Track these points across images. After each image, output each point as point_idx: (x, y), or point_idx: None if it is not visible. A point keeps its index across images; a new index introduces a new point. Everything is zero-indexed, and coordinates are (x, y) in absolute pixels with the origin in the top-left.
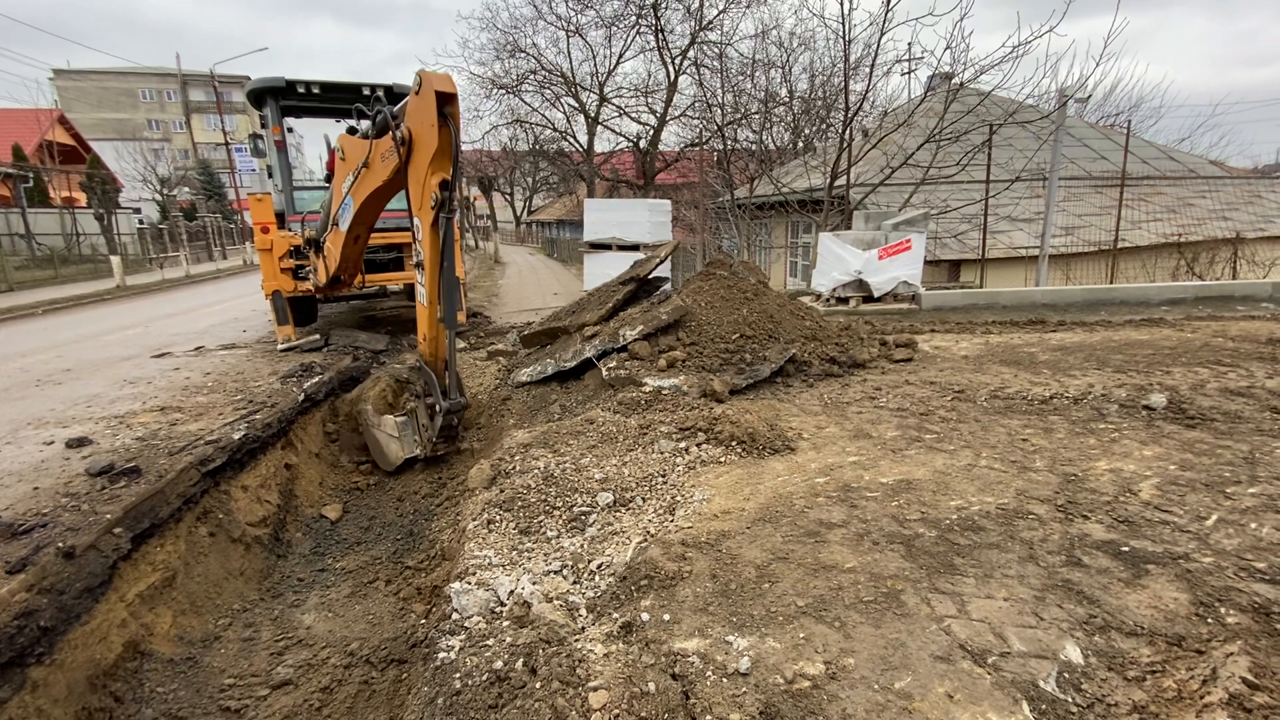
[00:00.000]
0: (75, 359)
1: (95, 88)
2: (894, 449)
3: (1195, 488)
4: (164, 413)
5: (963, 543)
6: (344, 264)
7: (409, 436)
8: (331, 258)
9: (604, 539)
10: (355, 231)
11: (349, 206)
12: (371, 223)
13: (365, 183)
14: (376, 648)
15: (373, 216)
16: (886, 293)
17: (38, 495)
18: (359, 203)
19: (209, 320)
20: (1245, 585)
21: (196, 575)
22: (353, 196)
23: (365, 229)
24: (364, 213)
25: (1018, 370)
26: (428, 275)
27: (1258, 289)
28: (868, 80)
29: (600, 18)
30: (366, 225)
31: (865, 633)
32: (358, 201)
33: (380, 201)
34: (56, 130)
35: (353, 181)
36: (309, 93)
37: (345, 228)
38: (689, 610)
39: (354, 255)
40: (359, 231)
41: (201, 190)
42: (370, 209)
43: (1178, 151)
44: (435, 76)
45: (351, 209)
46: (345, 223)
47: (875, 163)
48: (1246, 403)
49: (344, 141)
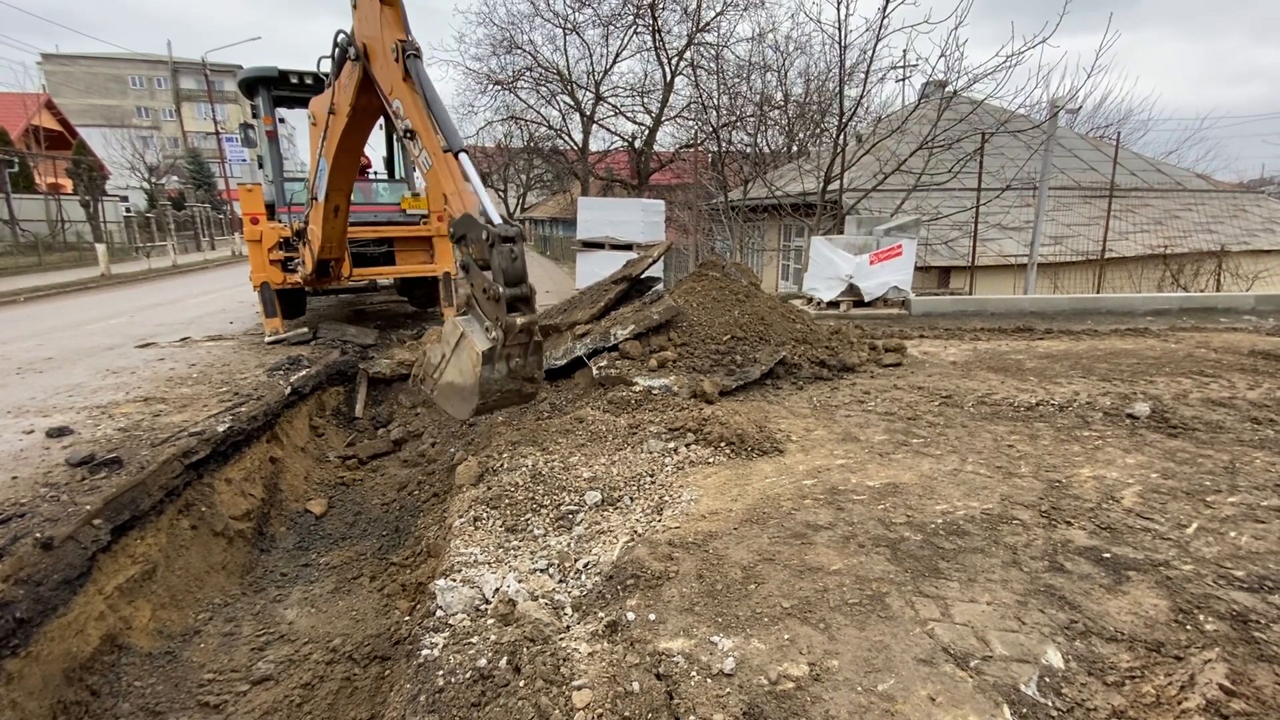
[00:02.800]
0: (57, 347)
1: (84, 73)
2: (881, 453)
3: (1176, 496)
4: (147, 403)
5: (947, 547)
6: (326, 243)
7: (477, 329)
8: (315, 238)
9: (591, 538)
10: (334, 201)
11: (324, 171)
12: (347, 188)
13: (333, 131)
14: (360, 644)
15: (348, 176)
16: (877, 297)
17: (16, 485)
18: (330, 159)
19: (195, 311)
20: (1224, 593)
21: (177, 568)
22: (325, 156)
23: (343, 197)
24: (338, 172)
25: (1005, 377)
26: (420, 124)
27: (1241, 301)
28: (862, 86)
29: (598, 16)
30: (344, 191)
31: (849, 635)
32: (330, 158)
33: (352, 147)
34: (43, 115)
35: (323, 142)
36: (301, 83)
37: (323, 197)
38: (675, 610)
39: (336, 233)
40: (338, 201)
41: (190, 179)
42: (344, 164)
43: (1165, 164)
44: None
45: (325, 171)
46: (323, 191)
47: (868, 168)
48: (1228, 413)
49: (313, 104)
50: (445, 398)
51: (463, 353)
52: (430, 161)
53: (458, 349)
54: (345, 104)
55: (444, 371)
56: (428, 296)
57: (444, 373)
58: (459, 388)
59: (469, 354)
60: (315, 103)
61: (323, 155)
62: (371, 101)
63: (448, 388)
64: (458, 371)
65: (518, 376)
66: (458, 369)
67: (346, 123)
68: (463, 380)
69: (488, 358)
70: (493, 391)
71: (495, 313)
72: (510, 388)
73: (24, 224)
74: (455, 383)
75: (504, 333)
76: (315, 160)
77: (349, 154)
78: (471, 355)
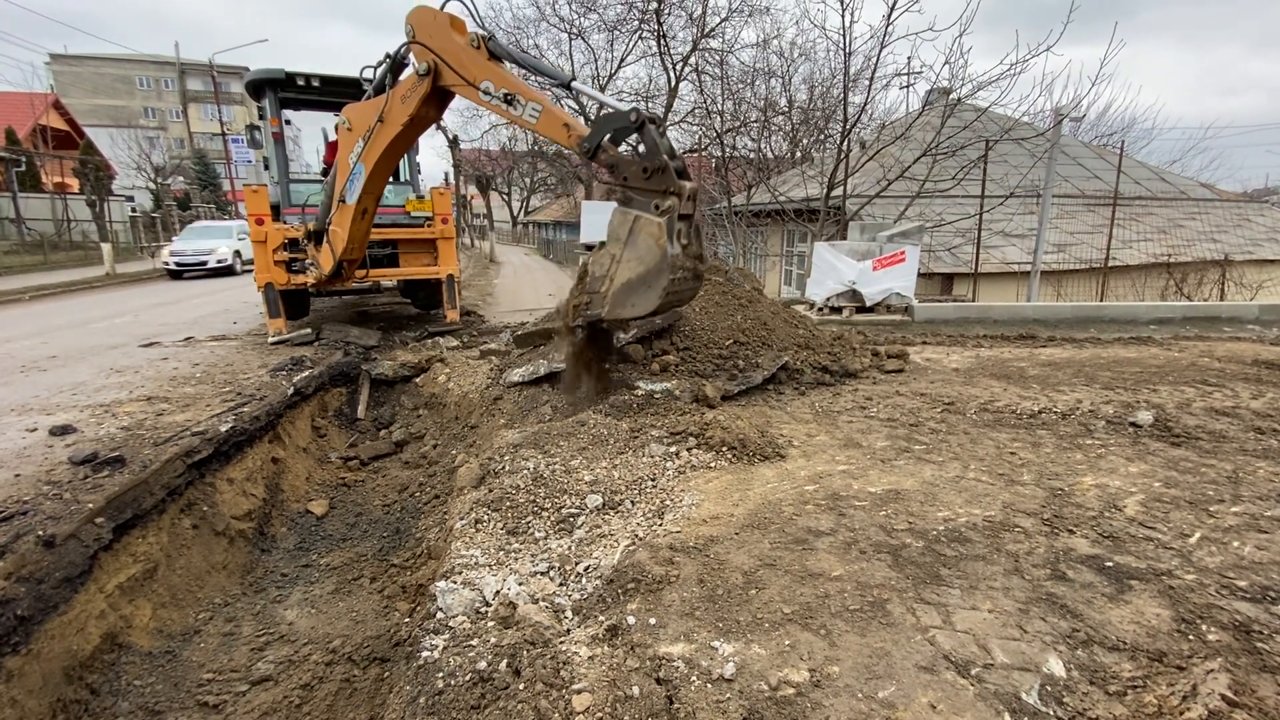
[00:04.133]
0: (62, 346)
1: (92, 73)
2: (883, 459)
3: (1179, 505)
4: (150, 403)
5: (949, 554)
6: (351, 244)
7: (646, 210)
8: (338, 239)
9: (592, 541)
10: (363, 204)
11: (359, 175)
12: (379, 192)
13: (380, 139)
14: (359, 645)
15: (382, 181)
16: (879, 303)
17: (19, 483)
18: (371, 165)
19: (199, 311)
20: (1227, 603)
21: (178, 568)
22: (364, 163)
23: (373, 200)
24: (375, 178)
25: (1007, 384)
26: (517, 87)
27: (1244, 311)
28: (866, 93)
29: (603, 21)
30: (375, 195)
31: (850, 641)
32: (370, 165)
33: (396, 154)
34: (51, 115)
35: (362, 148)
36: (308, 85)
37: (354, 200)
38: (675, 615)
39: (361, 233)
40: (367, 204)
41: (196, 180)
42: (382, 170)
43: (1169, 173)
44: (418, 11)
45: (362, 176)
46: (354, 195)
47: (872, 174)
48: (1231, 422)
49: (349, 111)
50: (623, 300)
51: (639, 236)
52: (539, 110)
53: (633, 236)
54: (403, 114)
55: (618, 271)
56: (430, 298)
57: (618, 272)
58: (641, 277)
59: (647, 233)
60: (352, 109)
61: (360, 160)
62: (429, 113)
63: (624, 288)
64: (636, 260)
65: (690, 255)
66: (635, 258)
67: (400, 131)
68: (644, 266)
69: (669, 228)
70: (676, 268)
71: (662, 184)
72: (686, 267)
73: (30, 223)
74: (635, 275)
75: (679, 197)
76: (348, 165)
77: (391, 160)
78: (651, 231)
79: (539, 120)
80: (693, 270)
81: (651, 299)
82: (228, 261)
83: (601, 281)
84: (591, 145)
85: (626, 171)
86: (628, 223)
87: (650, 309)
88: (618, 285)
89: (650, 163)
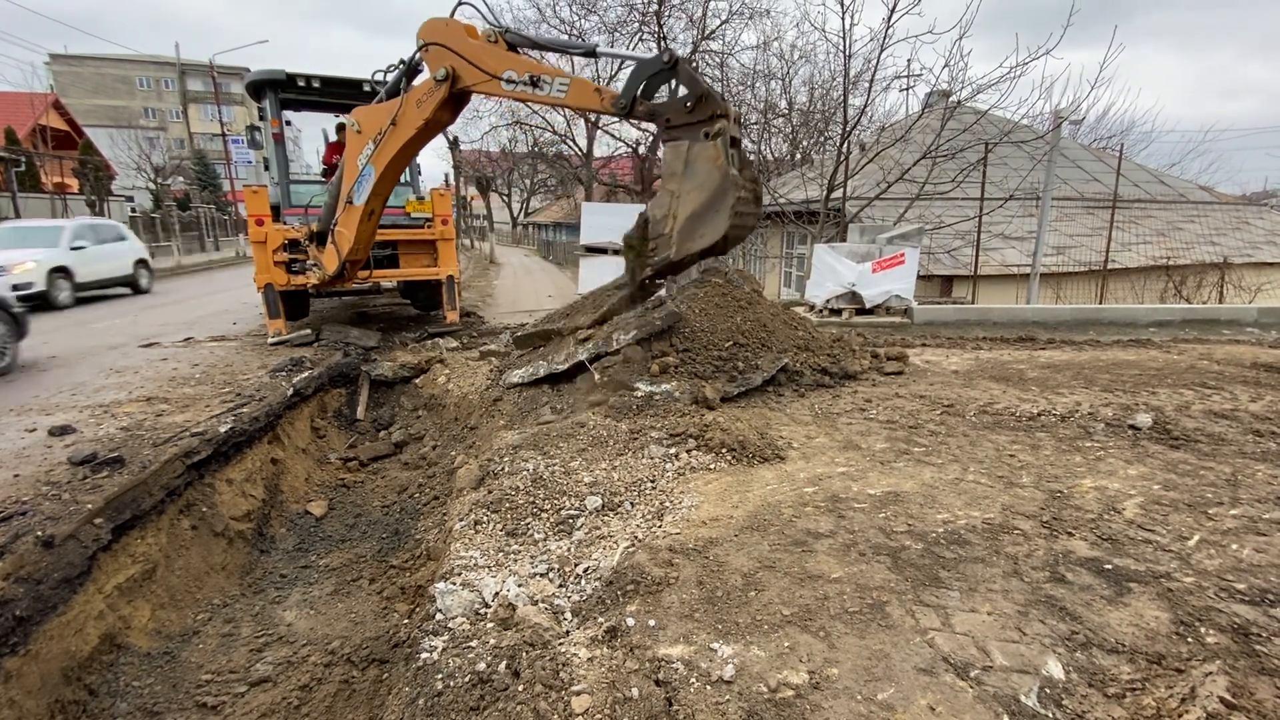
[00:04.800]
0: (61, 346)
1: (92, 74)
2: (883, 461)
3: (1178, 508)
4: (150, 403)
5: (948, 556)
6: (357, 245)
7: (698, 139)
8: (344, 240)
9: (591, 543)
10: (371, 206)
11: (368, 177)
12: (387, 194)
13: (391, 141)
14: (358, 646)
15: (392, 184)
16: (879, 305)
17: (18, 483)
18: (381, 168)
19: (199, 311)
20: (1225, 605)
21: (177, 569)
22: (374, 164)
23: (381, 202)
24: (385, 180)
25: (1007, 386)
26: (542, 70)
27: (1243, 314)
28: (866, 95)
29: (603, 23)
30: (383, 197)
31: (850, 643)
32: (380, 167)
33: (407, 157)
34: (50, 115)
35: (373, 150)
36: (309, 86)
37: (362, 202)
38: (674, 616)
39: (367, 234)
40: (374, 206)
41: (196, 181)
42: (392, 173)
43: (1168, 176)
44: (429, 24)
45: (372, 178)
46: (362, 196)
47: (871, 176)
48: (1230, 425)
49: (359, 114)
50: (691, 233)
51: (697, 164)
52: (566, 83)
53: (690, 166)
54: (418, 118)
55: (680, 206)
56: (430, 299)
57: (680, 207)
58: (706, 204)
59: (704, 159)
60: (362, 112)
61: (370, 163)
62: (444, 117)
63: (690, 220)
64: (697, 189)
65: (747, 178)
66: (696, 186)
67: (413, 135)
68: (707, 192)
69: (724, 149)
70: (739, 187)
71: (709, 109)
72: (747, 189)
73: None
74: (699, 204)
75: (726, 119)
76: (357, 167)
77: (402, 163)
78: (708, 155)
79: (568, 92)
80: (753, 193)
81: (720, 223)
82: (35, 286)
83: (664, 222)
84: (627, 99)
85: (668, 113)
86: (682, 155)
87: (720, 233)
88: (682, 220)
89: (693, 91)
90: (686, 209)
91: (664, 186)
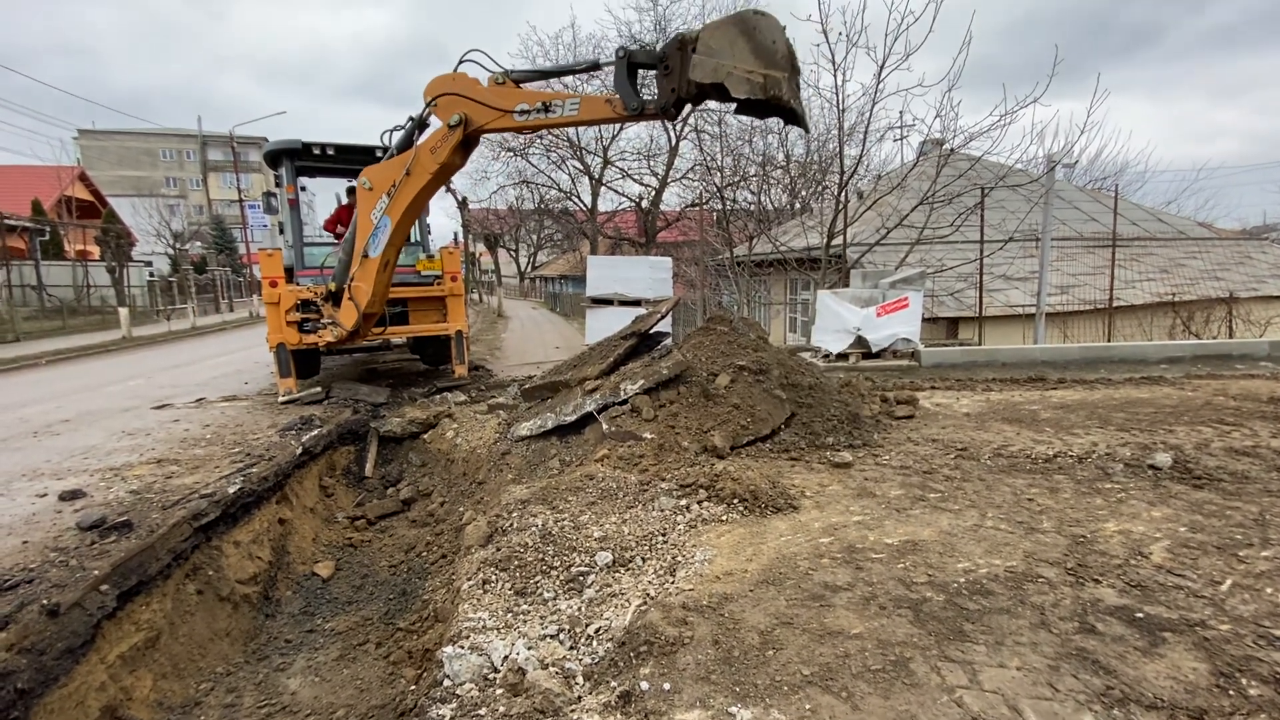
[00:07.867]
0: (75, 409)
1: (117, 147)
2: (898, 508)
3: (1207, 550)
4: (160, 465)
5: (972, 607)
6: (374, 297)
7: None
8: (361, 294)
9: (602, 601)
10: (386, 256)
11: (384, 228)
12: (401, 244)
13: (406, 190)
14: (364, 715)
15: (405, 233)
16: (886, 349)
17: (26, 549)
18: (397, 217)
19: (212, 372)
20: (1265, 654)
21: (181, 635)
22: (389, 215)
23: (395, 252)
24: (399, 229)
25: (1020, 428)
26: (551, 96)
27: (1255, 348)
28: (861, 145)
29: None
30: (397, 247)
31: (874, 704)
32: (396, 216)
33: (420, 204)
34: (76, 186)
35: (386, 203)
36: (323, 154)
37: (378, 253)
38: (690, 679)
39: (384, 285)
40: (389, 256)
41: (213, 244)
42: (406, 221)
43: (1165, 214)
44: (436, 80)
45: (388, 229)
46: (378, 248)
47: (871, 223)
48: (1253, 462)
49: (369, 172)
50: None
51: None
52: (577, 102)
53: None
54: (433, 164)
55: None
56: (439, 354)
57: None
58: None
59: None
60: (371, 170)
61: (386, 215)
62: (456, 160)
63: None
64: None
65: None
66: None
67: (428, 180)
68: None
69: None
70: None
71: (693, 34)
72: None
73: (51, 289)
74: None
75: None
76: (368, 221)
77: (415, 210)
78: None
79: (580, 109)
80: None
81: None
82: None
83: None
84: (636, 100)
85: (674, 83)
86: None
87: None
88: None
89: (674, 42)
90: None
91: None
